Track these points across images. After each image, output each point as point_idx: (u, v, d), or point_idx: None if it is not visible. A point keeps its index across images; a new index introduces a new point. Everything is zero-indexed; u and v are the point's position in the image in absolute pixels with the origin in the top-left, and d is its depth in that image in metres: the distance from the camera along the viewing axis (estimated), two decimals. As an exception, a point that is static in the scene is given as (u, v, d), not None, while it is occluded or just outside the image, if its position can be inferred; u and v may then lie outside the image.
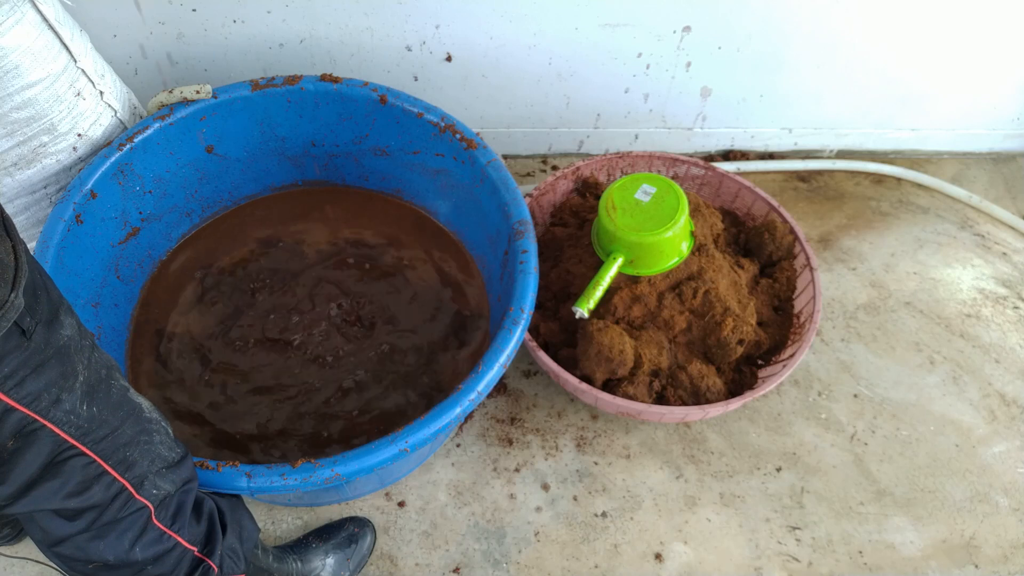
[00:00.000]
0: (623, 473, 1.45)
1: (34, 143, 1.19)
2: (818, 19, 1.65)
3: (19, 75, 1.10)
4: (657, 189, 1.36)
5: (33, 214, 1.30)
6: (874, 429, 1.54)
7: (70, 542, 0.80)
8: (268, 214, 1.62)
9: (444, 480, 1.42)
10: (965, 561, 1.38)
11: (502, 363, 1.13)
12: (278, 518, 1.36)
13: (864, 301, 1.75)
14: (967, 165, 2.08)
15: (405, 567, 1.32)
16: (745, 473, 1.46)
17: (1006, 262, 1.85)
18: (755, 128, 1.95)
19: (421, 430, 1.04)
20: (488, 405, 1.52)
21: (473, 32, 1.60)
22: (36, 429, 0.69)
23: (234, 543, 0.99)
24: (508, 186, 1.36)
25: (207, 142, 1.48)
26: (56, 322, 0.70)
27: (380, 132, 1.52)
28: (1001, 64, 1.82)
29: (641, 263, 1.37)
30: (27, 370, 0.66)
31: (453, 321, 1.48)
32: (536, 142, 1.93)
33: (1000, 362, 1.65)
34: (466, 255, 1.58)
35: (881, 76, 1.82)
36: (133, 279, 1.46)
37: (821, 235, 1.87)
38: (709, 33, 1.66)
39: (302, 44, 1.59)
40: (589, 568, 1.33)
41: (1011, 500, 1.45)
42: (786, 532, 1.39)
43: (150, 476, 0.83)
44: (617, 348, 1.32)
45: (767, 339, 1.48)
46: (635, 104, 1.83)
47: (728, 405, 1.34)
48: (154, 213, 1.46)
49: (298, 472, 1.00)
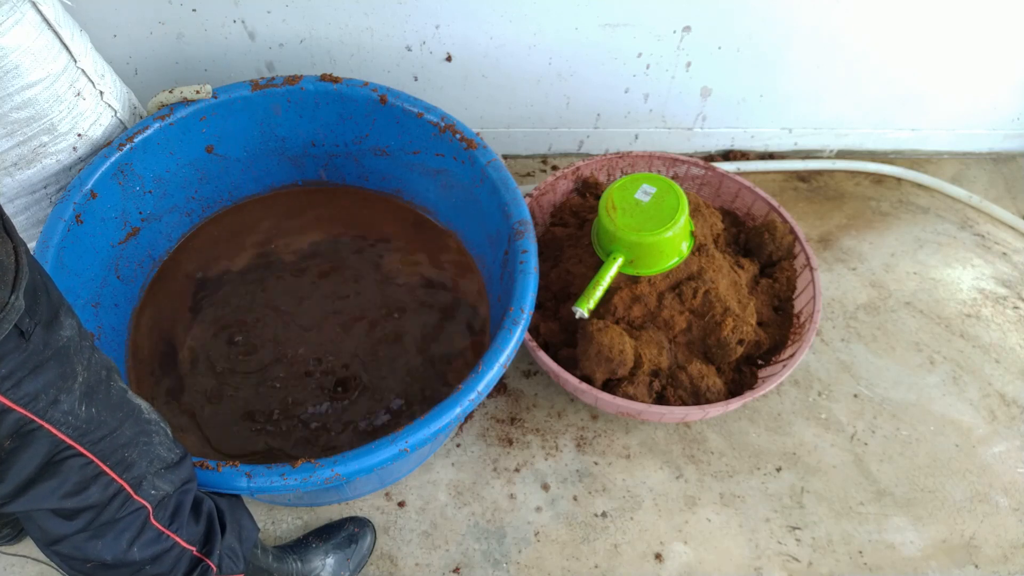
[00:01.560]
0: (623, 473, 1.45)
1: (34, 143, 1.19)
2: (818, 19, 1.65)
3: (19, 75, 1.10)
4: (657, 189, 1.36)
5: (33, 214, 1.30)
6: (874, 429, 1.54)
7: (68, 541, 0.80)
8: (268, 214, 1.62)
9: (444, 480, 1.42)
10: (965, 561, 1.38)
11: (502, 363, 1.13)
12: (278, 518, 1.36)
13: (864, 301, 1.75)
14: (967, 165, 2.08)
15: (405, 567, 1.32)
16: (745, 473, 1.46)
17: (1006, 262, 1.84)
18: (755, 128, 1.95)
19: (421, 430, 1.04)
20: (488, 405, 1.52)
21: (473, 32, 1.60)
22: (33, 429, 0.69)
23: (233, 543, 0.99)
24: (508, 186, 1.36)
25: (207, 142, 1.48)
26: (56, 323, 0.70)
27: (380, 132, 1.52)
28: (1001, 64, 1.82)
29: (641, 263, 1.37)
30: (25, 371, 0.66)
31: (453, 321, 1.48)
32: (536, 142, 1.93)
33: (1000, 362, 1.65)
34: (466, 255, 1.58)
35: (881, 76, 1.81)
36: (133, 279, 1.46)
37: (821, 235, 1.87)
38: (709, 33, 1.66)
39: (302, 44, 1.59)
40: (589, 568, 1.33)
41: (1011, 500, 1.45)
42: (786, 532, 1.39)
43: (149, 477, 0.84)
44: (617, 348, 1.32)
45: (767, 339, 1.47)
46: (635, 104, 1.83)
47: (728, 405, 1.33)
48: (154, 213, 1.46)
49: (298, 472, 1.00)
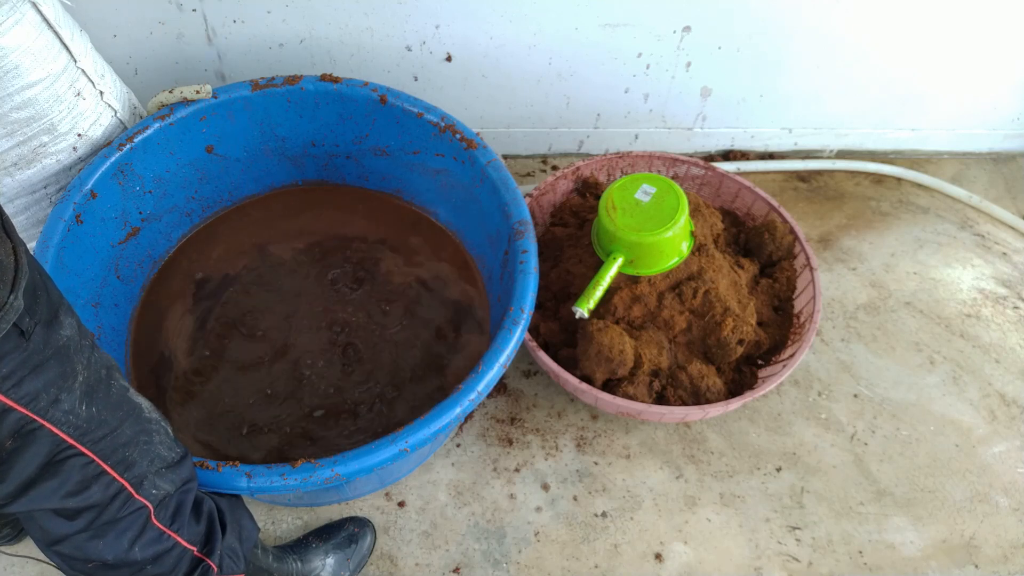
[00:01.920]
0: (623, 473, 1.45)
1: (34, 143, 1.19)
2: (818, 19, 1.65)
3: (19, 75, 1.10)
4: (657, 189, 1.36)
5: (33, 214, 1.30)
6: (874, 429, 1.54)
7: (69, 541, 0.80)
8: (268, 214, 1.62)
9: (444, 480, 1.42)
10: (965, 561, 1.38)
11: (502, 363, 1.13)
12: (278, 518, 1.36)
13: (864, 301, 1.75)
14: (967, 165, 2.08)
15: (405, 567, 1.32)
16: (745, 473, 1.46)
17: (1006, 262, 1.84)
18: (755, 128, 1.95)
19: (421, 430, 1.04)
20: (488, 405, 1.52)
21: (473, 32, 1.60)
22: (34, 429, 0.69)
23: (233, 543, 0.99)
24: (508, 186, 1.36)
25: (207, 142, 1.48)
26: (56, 322, 0.70)
27: (380, 132, 1.52)
28: (1001, 64, 1.82)
29: (641, 263, 1.37)
30: (25, 370, 0.66)
31: (453, 321, 1.48)
32: (536, 142, 1.93)
33: (1000, 362, 1.65)
34: (466, 255, 1.58)
35: (881, 76, 1.82)
36: (133, 279, 1.46)
37: (821, 235, 1.87)
38: (709, 33, 1.66)
39: (302, 44, 1.59)
40: (589, 568, 1.33)
41: (1011, 500, 1.45)
42: (786, 532, 1.39)
43: (149, 476, 0.83)
44: (617, 348, 1.32)
45: (767, 339, 1.47)
46: (635, 104, 1.83)
47: (728, 405, 1.33)
48: (154, 213, 1.46)
49: (298, 472, 1.00)
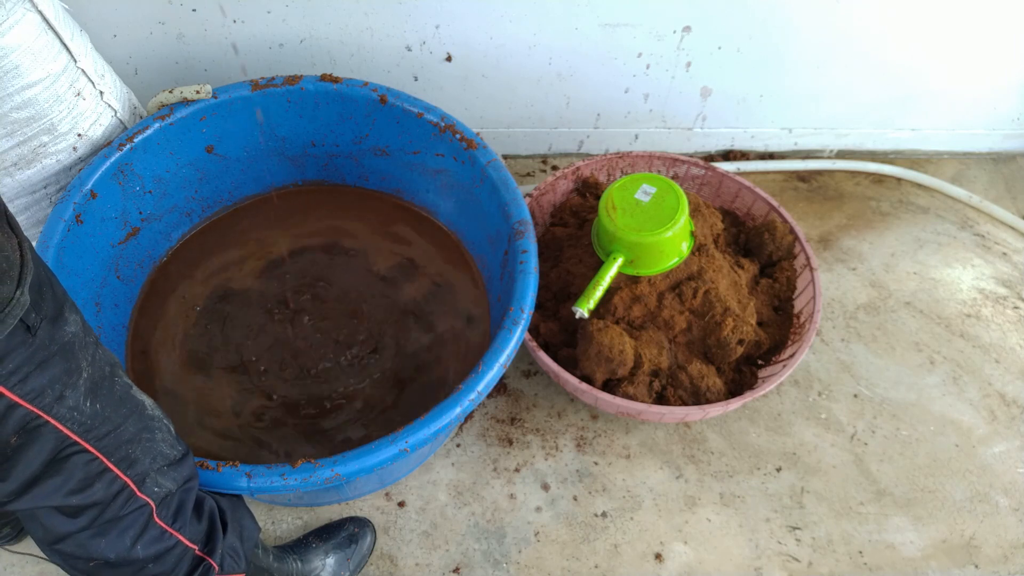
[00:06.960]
0: (623, 473, 1.45)
1: (34, 143, 1.19)
2: (818, 19, 1.65)
3: (19, 75, 1.10)
4: (657, 189, 1.36)
5: (33, 214, 1.30)
6: (874, 429, 1.54)
7: (71, 540, 0.80)
8: (268, 214, 1.62)
9: (444, 480, 1.42)
10: (965, 561, 1.38)
11: (502, 363, 1.13)
12: (278, 518, 1.36)
13: (864, 301, 1.75)
14: (967, 165, 2.09)
15: (405, 567, 1.32)
16: (745, 473, 1.46)
17: (1006, 262, 1.85)
18: (755, 128, 1.95)
19: (421, 430, 1.04)
20: (488, 405, 1.52)
21: (473, 32, 1.60)
22: (39, 425, 0.69)
23: (235, 542, 0.99)
24: (508, 186, 1.36)
25: (207, 142, 1.48)
26: (61, 319, 0.70)
27: (380, 132, 1.52)
28: (1001, 64, 1.82)
29: (641, 263, 1.37)
30: (31, 366, 0.66)
31: (453, 321, 1.48)
32: (536, 142, 1.93)
33: (1000, 362, 1.65)
34: (466, 255, 1.58)
35: (881, 76, 1.82)
36: (133, 279, 1.46)
37: (821, 235, 1.87)
38: (709, 33, 1.66)
39: (302, 44, 1.59)
40: (589, 568, 1.33)
41: (1011, 500, 1.45)
42: (786, 532, 1.39)
43: (152, 474, 0.83)
44: (617, 348, 1.32)
45: (767, 339, 1.48)
46: (635, 104, 1.83)
47: (728, 405, 1.34)
48: (154, 213, 1.46)
49: (298, 472, 1.00)
